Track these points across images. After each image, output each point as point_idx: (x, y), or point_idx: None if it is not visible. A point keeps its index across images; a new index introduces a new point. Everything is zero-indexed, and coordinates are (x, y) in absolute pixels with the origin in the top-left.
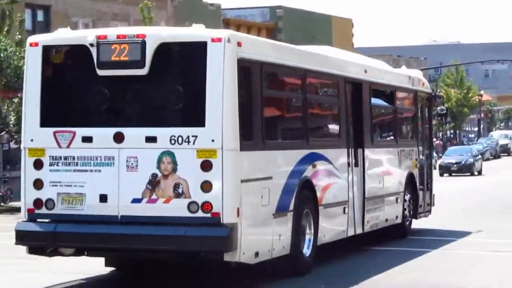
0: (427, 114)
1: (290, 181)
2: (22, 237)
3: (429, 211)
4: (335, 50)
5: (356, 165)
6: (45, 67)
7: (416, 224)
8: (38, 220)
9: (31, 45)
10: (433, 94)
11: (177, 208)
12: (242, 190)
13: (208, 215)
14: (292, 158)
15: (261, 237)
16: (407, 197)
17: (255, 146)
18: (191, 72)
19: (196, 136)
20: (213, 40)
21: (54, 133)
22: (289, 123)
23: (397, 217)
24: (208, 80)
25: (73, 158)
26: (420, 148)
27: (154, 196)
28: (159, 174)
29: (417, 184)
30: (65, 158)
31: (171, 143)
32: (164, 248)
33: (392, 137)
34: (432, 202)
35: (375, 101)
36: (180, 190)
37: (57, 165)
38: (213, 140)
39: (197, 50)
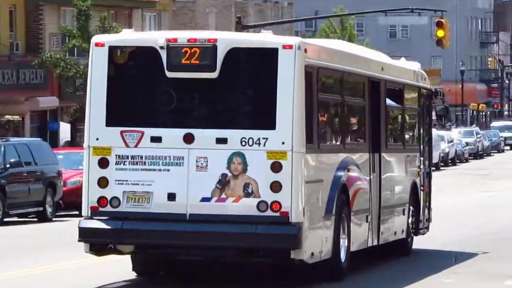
0: (428, 114)
1: (334, 185)
2: (86, 234)
3: (427, 227)
4: (350, 45)
5: (374, 170)
6: (110, 67)
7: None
8: (102, 218)
9: (96, 45)
10: (433, 90)
11: (247, 207)
12: (305, 191)
13: (277, 214)
14: (334, 161)
15: (316, 238)
16: (411, 209)
17: (314, 149)
18: (262, 76)
19: (266, 138)
20: (284, 47)
21: (122, 132)
22: (333, 126)
23: (402, 231)
24: (278, 85)
25: (141, 158)
26: (423, 153)
27: (223, 195)
28: (229, 174)
29: (420, 196)
30: (132, 157)
31: (242, 145)
32: (233, 245)
33: (400, 141)
34: (430, 218)
35: (388, 101)
36: (249, 190)
37: (124, 164)
38: (283, 143)
39: (268, 56)
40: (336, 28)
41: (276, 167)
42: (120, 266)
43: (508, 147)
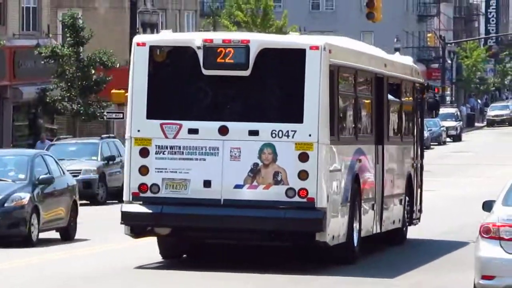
0: (421, 107)
1: (349, 174)
2: (128, 217)
3: (419, 218)
4: (354, 42)
5: (377, 162)
6: (151, 65)
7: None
8: (143, 203)
9: (138, 44)
10: (425, 84)
11: (276, 194)
12: (329, 179)
13: (304, 200)
14: (349, 152)
15: (336, 223)
16: (406, 200)
17: (335, 141)
18: (291, 74)
19: (295, 131)
20: (311, 47)
21: (161, 124)
22: (349, 119)
23: (399, 220)
24: (306, 82)
25: (179, 148)
26: (416, 146)
27: (255, 183)
28: (260, 164)
29: (415, 187)
30: (171, 147)
31: (272, 136)
32: (263, 229)
33: (398, 134)
34: (421, 209)
35: (389, 96)
36: (279, 178)
37: (163, 154)
38: (310, 135)
39: (297, 56)
40: None
41: (303, 157)
42: (144, 251)
43: (450, 139)
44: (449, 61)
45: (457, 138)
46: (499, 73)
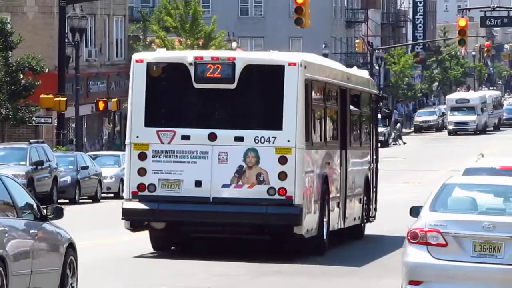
0: (376, 116)
1: (319, 175)
2: (128, 213)
3: (374, 216)
4: (321, 58)
5: (341, 165)
6: (148, 79)
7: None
8: (141, 200)
9: (136, 61)
10: (380, 95)
11: (259, 192)
12: (304, 179)
13: (283, 197)
14: (320, 156)
15: (309, 218)
16: (364, 199)
17: (309, 146)
18: (271, 87)
19: (275, 137)
20: (289, 64)
21: (158, 131)
22: (319, 127)
23: (359, 217)
24: (285, 94)
25: (173, 152)
26: (372, 151)
27: (240, 183)
28: (245, 166)
29: (372, 187)
30: (166, 151)
31: (255, 142)
32: (248, 222)
33: (358, 140)
34: (376, 208)
35: (351, 106)
36: (261, 178)
37: (159, 157)
38: (288, 141)
39: (277, 71)
40: (179, 3)
41: (282, 160)
42: (136, 244)
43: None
44: (377, 67)
45: (385, 144)
46: (427, 79)
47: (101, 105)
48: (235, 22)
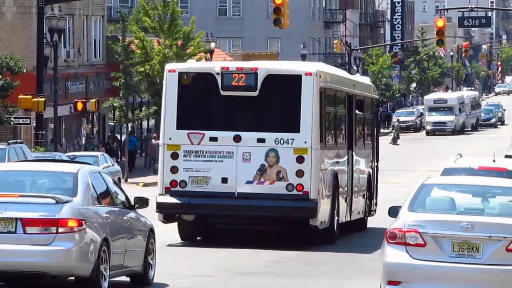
0: (376, 119)
1: (331, 173)
2: (162, 206)
3: (375, 210)
4: (331, 68)
5: (349, 163)
6: (180, 87)
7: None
8: (173, 195)
9: (169, 71)
10: (380, 99)
11: (279, 188)
12: (319, 176)
13: (300, 193)
14: (332, 155)
15: (323, 211)
16: (367, 195)
17: (323, 147)
18: (290, 94)
19: (293, 139)
20: (306, 74)
21: (188, 134)
22: (331, 129)
23: (362, 211)
24: (302, 100)
25: (202, 152)
26: (374, 150)
27: (262, 179)
28: (266, 164)
29: (373, 184)
30: (196, 151)
31: (275, 143)
32: (268, 215)
33: (362, 141)
34: (377, 203)
35: (356, 110)
36: (281, 176)
37: (189, 157)
38: (305, 142)
39: (295, 80)
40: (157, 4)
41: (300, 160)
42: (164, 235)
43: None
44: (355, 68)
45: None
46: (405, 79)
47: (79, 106)
48: (214, 22)
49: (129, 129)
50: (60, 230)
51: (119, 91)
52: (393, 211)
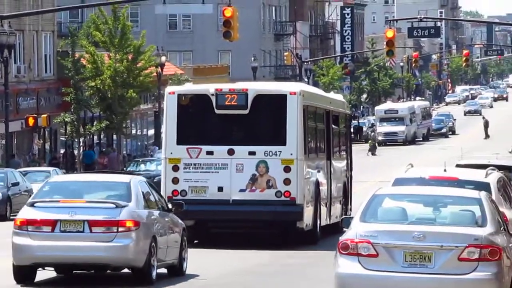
0: (349, 132)
1: (314, 181)
2: None
3: (350, 215)
4: (311, 88)
5: (327, 172)
6: (179, 107)
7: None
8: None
9: (169, 93)
10: (352, 115)
11: (268, 195)
12: (304, 184)
13: (288, 199)
14: (314, 165)
15: (308, 215)
16: (343, 201)
17: (306, 158)
18: (277, 112)
19: (281, 151)
20: (291, 93)
21: (187, 148)
22: (312, 142)
23: (340, 216)
24: (287, 117)
25: (200, 164)
26: (348, 161)
27: (254, 188)
28: (257, 174)
29: (348, 191)
30: (194, 164)
31: (265, 155)
32: (260, 219)
33: (338, 152)
34: (351, 208)
35: (333, 124)
36: (270, 184)
37: (189, 169)
38: (291, 154)
39: (281, 99)
40: (107, 18)
41: (287, 169)
42: None
43: None
44: (306, 79)
45: None
46: (355, 90)
47: (31, 121)
48: (164, 36)
49: (81, 144)
50: (120, 229)
51: (70, 106)
52: (346, 222)
